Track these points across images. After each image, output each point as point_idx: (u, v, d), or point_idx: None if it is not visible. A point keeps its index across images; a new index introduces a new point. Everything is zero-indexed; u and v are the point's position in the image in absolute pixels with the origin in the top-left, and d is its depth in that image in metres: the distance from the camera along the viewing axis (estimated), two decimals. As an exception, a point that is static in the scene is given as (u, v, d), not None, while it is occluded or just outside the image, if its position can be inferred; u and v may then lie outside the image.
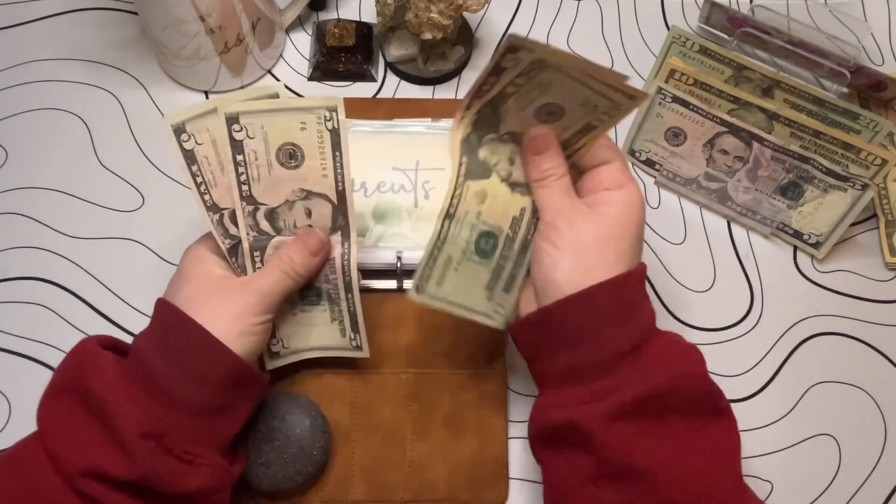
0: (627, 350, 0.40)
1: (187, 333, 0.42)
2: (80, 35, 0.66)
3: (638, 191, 0.43)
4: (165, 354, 0.41)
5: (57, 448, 0.39)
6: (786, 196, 0.58)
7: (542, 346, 0.43)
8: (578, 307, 0.41)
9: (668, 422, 0.39)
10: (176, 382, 0.41)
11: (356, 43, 0.64)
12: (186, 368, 0.41)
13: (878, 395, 0.54)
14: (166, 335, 0.42)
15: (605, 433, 0.39)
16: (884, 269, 0.58)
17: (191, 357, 0.41)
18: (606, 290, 0.40)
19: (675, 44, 0.63)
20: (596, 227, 0.42)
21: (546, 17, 0.68)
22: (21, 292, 0.55)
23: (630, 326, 0.41)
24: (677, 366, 0.40)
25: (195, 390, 0.41)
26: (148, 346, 0.42)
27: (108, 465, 0.38)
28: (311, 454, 0.47)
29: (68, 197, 0.59)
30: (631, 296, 0.42)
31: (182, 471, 0.40)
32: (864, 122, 0.59)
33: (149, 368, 0.41)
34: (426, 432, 0.50)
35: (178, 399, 0.41)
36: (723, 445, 0.40)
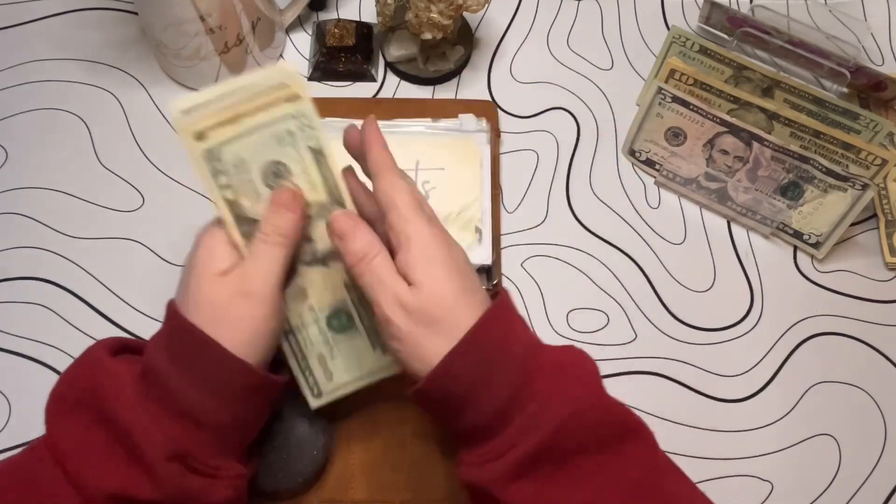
0: (506, 404, 0.38)
1: (206, 352, 0.39)
2: (80, 35, 0.66)
3: (433, 234, 0.39)
4: (184, 373, 0.39)
5: (78, 470, 0.38)
6: (786, 196, 0.58)
7: (438, 415, 0.42)
8: (439, 386, 0.39)
9: (572, 464, 0.38)
10: (197, 402, 0.39)
11: (356, 43, 0.64)
12: (207, 387, 0.40)
13: (878, 395, 0.54)
14: (183, 351, 0.40)
15: (507, 494, 0.38)
16: (884, 269, 0.58)
17: (211, 375, 0.40)
18: (463, 353, 0.38)
19: (675, 44, 0.63)
20: (419, 303, 0.39)
21: (546, 17, 0.68)
22: (21, 292, 0.55)
23: (503, 375, 0.39)
24: (563, 406, 0.38)
25: (217, 408, 0.40)
26: (164, 363, 0.40)
27: (134, 488, 0.38)
28: (312, 454, 0.47)
29: (68, 197, 0.59)
30: (489, 344, 0.39)
31: (208, 486, 0.40)
32: (864, 122, 0.59)
33: (168, 388, 0.39)
34: (426, 432, 0.50)
35: (200, 418, 0.39)
36: (630, 472, 0.38)
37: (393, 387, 0.51)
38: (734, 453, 0.52)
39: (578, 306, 0.56)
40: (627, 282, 0.57)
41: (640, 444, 0.39)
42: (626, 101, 0.64)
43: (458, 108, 0.60)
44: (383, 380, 0.47)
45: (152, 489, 0.38)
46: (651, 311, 0.56)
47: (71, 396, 0.40)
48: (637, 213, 0.60)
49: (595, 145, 0.62)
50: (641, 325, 0.56)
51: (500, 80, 0.65)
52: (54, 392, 0.41)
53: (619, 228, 0.59)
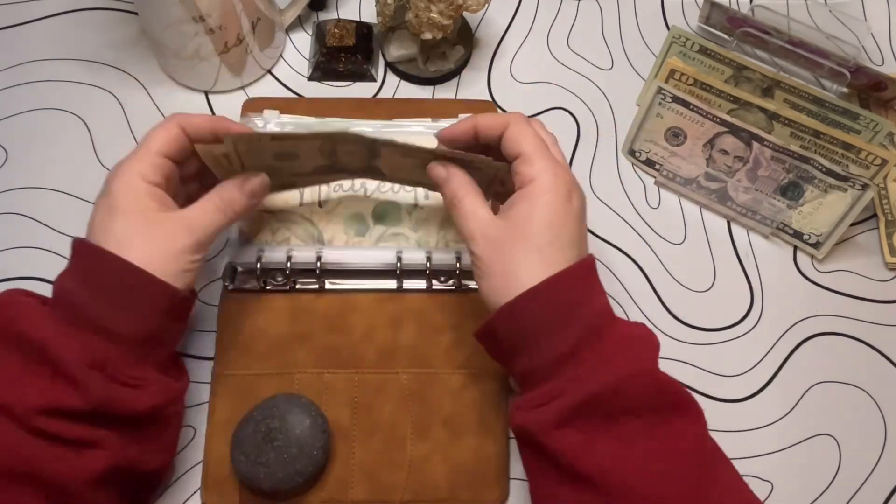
0: (568, 352, 0.40)
1: (120, 273, 0.42)
2: (80, 35, 0.66)
3: (552, 177, 0.43)
4: (92, 290, 0.41)
5: (5, 396, 0.39)
6: (786, 196, 0.58)
7: (498, 353, 0.44)
8: (511, 318, 0.41)
9: (620, 423, 0.39)
10: (108, 315, 0.41)
11: (356, 43, 0.64)
12: (121, 304, 0.42)
13: (878, 395, 0.54)
14: (89, 270, 0.42)
15: (551, 439, 0.39)
16: (884, 269, 0.58)
17: (125, 294, 0.42)
18: (535, 296, 0.40)
19: (675, 44, 0.63)
20: (505, 234, 0.42)
21: (546, 17, 0.68)
22: (21, 292, 0.55)
23: (569, 328, 0.40)
24: (621, 366, 0.39)
25: (131, 324, 0.42)
26: (72, 286, 0.42)
27: (63, 399, 0.39)
28: (311, 454, 0.47)
29: (68, 197, 0.59)
30: (568, 295, 0.41)
31: (130, 395, 0.42)
32: (864, 122, 0.59)
33: (77, 305, 0.41)
34: (426, 432, 0.50)
35: (114, 332, 0.41)
36: (679, 443, 0.39)
37: (393, 386, 0.51)
38: (734, 453, 0.51)
39: (578, 306, 0.56)
40: (627, 282, 0.57)
41: (692, 420, 0.40)
42: (626, 101, 0.64)
43: (458, 108, 0.60)
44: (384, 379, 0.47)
45: (79, 397, 0.39)
46: (651, 311, 0.56)
47: None
48: (637, 213, 0.60)
49: (595, 145, 0.62)
50: (641, 325, 0.56)
51: (500, 80, 0.65)
52: None
53: (619, 228, 0.59)
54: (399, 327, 0.53)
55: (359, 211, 0.54)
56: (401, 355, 0.52)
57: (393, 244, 0.54)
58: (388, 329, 0.53)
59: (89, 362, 0.40)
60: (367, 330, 0.52)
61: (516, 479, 0.51)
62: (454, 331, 0.52)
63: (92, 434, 0.40)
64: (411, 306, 0.53)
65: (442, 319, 0.53)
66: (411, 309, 0.53)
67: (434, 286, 0.53)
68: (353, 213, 0.55)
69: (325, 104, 0.61)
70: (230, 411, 0.49)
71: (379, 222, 0.54)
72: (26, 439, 0.38)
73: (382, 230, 0.54)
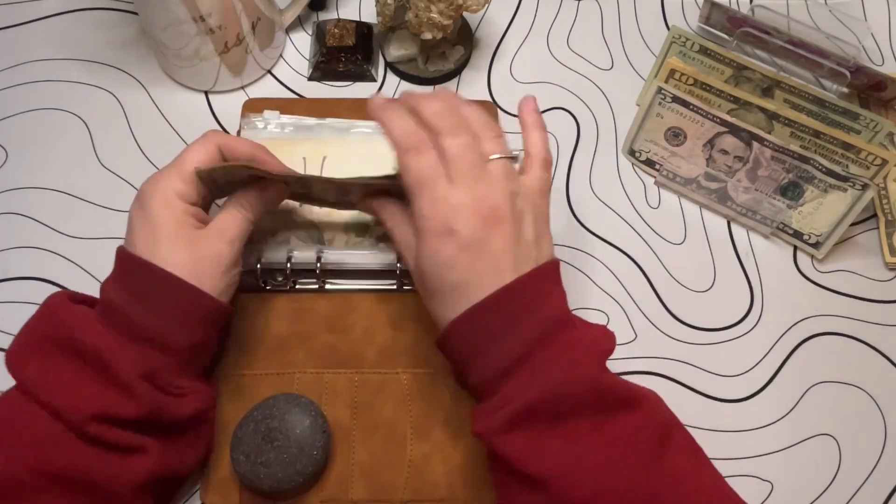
0: (514, 362, 0.41)
1: (173, 290, 0.43)
2: (80, 35, 0.66)
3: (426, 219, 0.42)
4: (143, 304, 0.43)
5: (56, 400, 0.40)
6: (786, 196, 0.58)
7: (456, 366, 0.45)
8: (458, 333, 0.42)
9: (564, 424, 0.39)
10: (158, 329, 0.43)
11: (356, 43, 0.64)
12: (172, 318, 0.43)
13: (878, 395, 0.54)
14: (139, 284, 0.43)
15: (501, 445, 0.40)
16: (884, 269, 0.58)
17: (178, 309, 0.44)
18: (479, 311, 0.41)
19: (675, 44, 0.63)
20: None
21: (546, 17, 0.68)
22: (21, 292, 0.55)
23: (516, 337, 0.41)
24: (562, 372, 0.40)
25: (181, 336, 0.44)
26: (122, 298, 0.43)
27: (116, 407, 0.40)
28: (311, 454, 0.47)
29: (68, 197, 0.59)
30: (516, 305, 0.41)
31: (175, 404, 0.44)
32: (864, 122, 0.59)
33: (129, 318, 0.42)
34: (426, 432, 0.50)
35: (162, 343, 0.43)
36: (624, 435, 0.39)
37: (393, 386, 0.51)
38: (734, 453, 0.52)
39: (578, 306, 0.56)
40: (627, 282, 0.57)
41: (640, 413, 0.40)
42: (626, 101, 0.64)
43: None
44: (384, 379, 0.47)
45: (132, 406, 0.41)
46: (651, 311, 0.56)
47: (33, 342, 0.42)
48: (637, 213, 0.60)
49: (595, 145, 0.62)
50: (641, 325, 0.56)
51: (500, 80, 0.65)
52: (13, 347, 0.42)
53: (619, 228, 0.59)
54: (399, 327, 0.53)
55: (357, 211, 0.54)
56: (401, 355, 0.52)
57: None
58: (387, 329, 0.53)
59: (141, 373, 0.41)
60: (367, 330, 0.52)
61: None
62: None
63: (139, 441, 0.41)
64: (411, 306, 0.53)
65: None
66: (411, 309, 0.53)
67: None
68: (354, 214, 0.55)
69: (324, 104, 0.61)
70: (230, 411, 0.49)
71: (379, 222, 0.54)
72: (78, 444, 0.40)
73: (382, 230, 0.54)
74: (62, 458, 0.39)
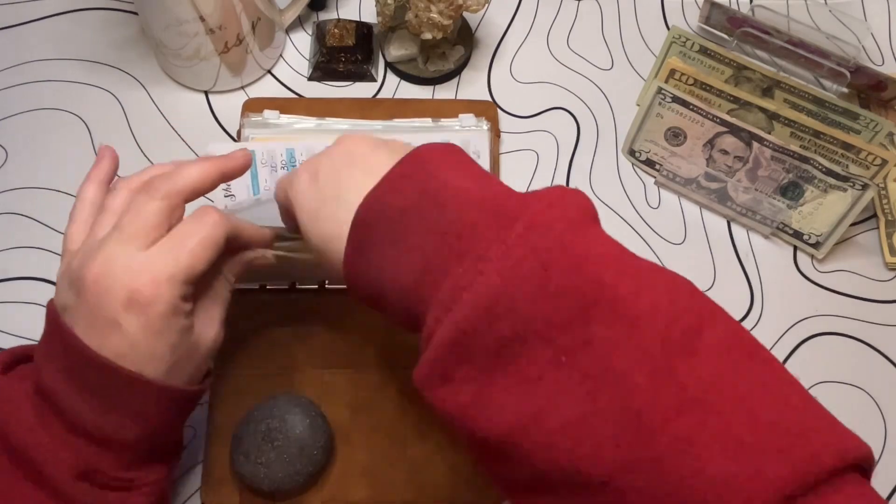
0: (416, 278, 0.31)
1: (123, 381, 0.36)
2: (80, 35, 0.66)
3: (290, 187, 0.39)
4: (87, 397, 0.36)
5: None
6: (786, 196, 0.58)
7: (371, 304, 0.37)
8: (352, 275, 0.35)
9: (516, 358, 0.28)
10: (100, 422, 0.37)
11: (356, 43, 0.64)
12: (118, 409, 0.37)
13: (878, 395, 0.54)
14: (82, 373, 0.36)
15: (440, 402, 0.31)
16: (884, 269, 0.58)
17: (125, 399, 0.37)
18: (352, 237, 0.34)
19: (675, 44, 0.63)
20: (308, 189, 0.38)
21: (546, 18, 0.68)
22: (21, 292, 0.55)
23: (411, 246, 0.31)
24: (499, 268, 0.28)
25: (124, 426, 0.37)
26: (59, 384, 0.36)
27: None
28: (312, 454, 0.47)
29: (68, 197, 0.59)
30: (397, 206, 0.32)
31: (121, 498, 0.38)
32: (864, 122, 0.59)
33: (65, 408, 0.36)
34: (427, 432, 0.50)
35: (105, 437, 0.37)
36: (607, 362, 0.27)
37: (393, 385, 0.51)
38: (734, 453, 0.52)
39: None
40: (627, 282, 0.57)
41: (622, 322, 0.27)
42: (626, 101, 0.64)
43: (459, 109, 0.60)
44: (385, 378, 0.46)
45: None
46: (651, 311, 0.56)
47: None
48: (637, 213, 0.60)
49: (595, 145, 0.62)
50: (641, 325, 0.56)
51: (500, 80, 0.65)
52: None
53: (619, 228, 0.59)
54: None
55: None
56: (401, 354, 0.52)
57: None
58: (387, 328, 0.52)
59: (78, 473, 0.36)
60: (367, 329, 0.52)
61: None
62: None
63: None
64: None
65: None
66: None
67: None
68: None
69: (324, 104, 0.61)
70: (230, 411, 0.49)
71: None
72: None
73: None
74: None
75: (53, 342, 0.37)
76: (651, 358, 0.27)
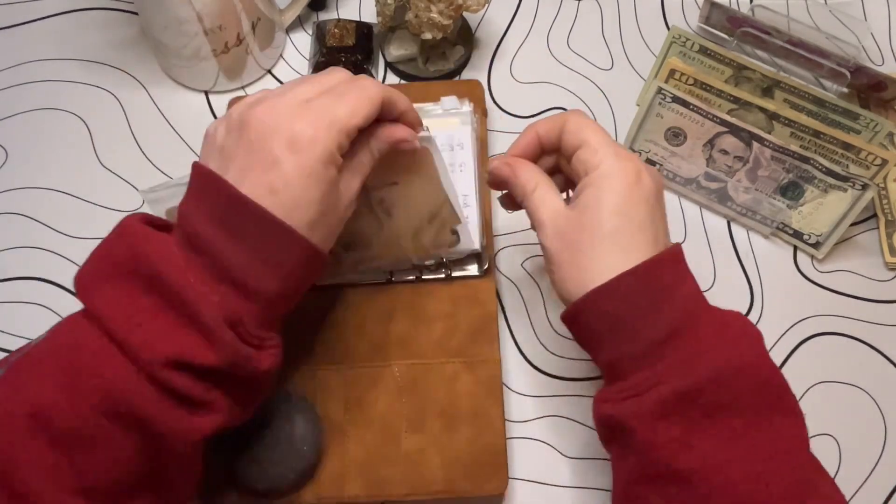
0: (663, 338, 0.38)
1: (276, 234, 0.38)
2: (80, 35, 0.66)
3: (615, 161, 0.40)
4: (235, 242, 0.37)
5: (131, 336, 0.35)
6: (786, 196, 0.58)
7: (585, 341, 0.42)
8: (597, 303, 0.39)
9: (719, 419, 0.36)
10: (248, 271, 0.38)
11: (356, 43, 0.64)
12: (267, 262, 0.38)
13: (878, 395, 0.54)
14: (232, 219, 0.38)
15: (649, 432, 0.37)
16: (884, 269, 0.58)
17: (275, 253, 0.38)
18: (623, 281, 0.38)
19: (675, 44, 0.63)
20: (572, 223, 0.40)
21: (546, 17, 0.68)
22: (21, 292, 0.55)
23: (662, 313, 0.38)
24: (722, 356, 0.37)
25: (268, 278, 0.38)
26: (210, 231, 0.37)
27: (194, 352, 0.36)
28: (306, 451, 0.47)
29: (68, 197, 0.59)
30: (658, 281, 0.39)
31: (255, 356, 0.39)
32: (864, 122, 0.59)
33: (216, 255, 0.37)
34: (421, 425, 0.50)
35: (251, 287, 0.38)
36: (779, 445, 0.37)
37: (385, 380, 0.51)
38: (734, 453, 0.52)
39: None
40: (627, 282, 0.57)
41: (794, 420, 0.38)
42: (626, 101, 0.64)
43: (442, 91, 0.58)
44: (377, 373, 0.46)
45: (212, 353, 0.36)
46: (651, 311, 0.56)
47: (108, 267, 0.37)
48: (637, 213, 0.60)
49: (595, 145, 0.62)
50: (641, 325, 0.56)
51: (500, 80, 0.65)
52: (85, 266, 0.38)
53: (618, 228, 0.59)
54: (390, 319, 0.53)
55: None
56: (393, 348, 0.52)
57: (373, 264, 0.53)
58: (379, 322, 0.52)
59: (226, 319, 0.37)
60: (359, 324, 0.52)
61: (516, 479, 0.51)
62: (446, 320, 0.52)
63: (209, 395, 0.37)
64: (401, 297, 0.53)
65: (433, 309, 0.53)
66: (402, 300, 0.53)
67: (423, 276, 0.53)
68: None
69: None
70: (229, 411, 0.49)
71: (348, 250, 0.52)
72: (149, 389, 0.35)
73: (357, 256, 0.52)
74: (129, 400, 0.35)
75: (201, 193, 0.39)
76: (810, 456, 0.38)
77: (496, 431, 0.50)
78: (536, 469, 0.51)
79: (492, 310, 0.53)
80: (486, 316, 0.53)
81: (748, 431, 0.36)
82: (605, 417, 0.39)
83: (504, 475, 0.49)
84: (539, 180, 0.43)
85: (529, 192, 0.43)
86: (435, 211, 0.50)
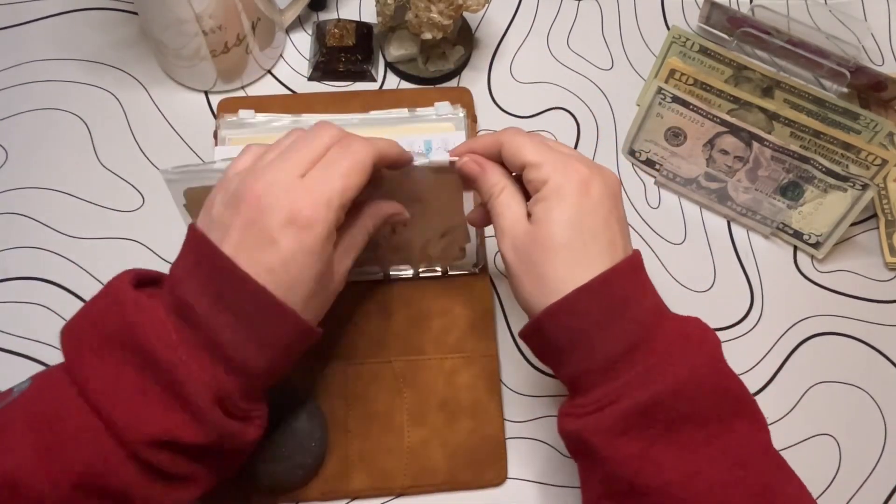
0: (621, 353, 0.38)
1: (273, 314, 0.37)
2: (80, 35, 0.66)
3: (561, 174, 0.39)
4: (227, 317, 0.37)
5: (115, 412, 0.35)
6: (786, 196, 0.58)
7: (546, 356, 0.42)
8: (556, 319, 0.39)
9: (681, 431, 0.37)
10: (241, 350, 0.37)
11: (356, 43, 0.64)
12: (260, 340, 0.38)
13: (878, 395, 0.54)
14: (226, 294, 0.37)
15: (610, 449, 0.37)
16: (884, 269, 0.58)
17: (270, 332, 0.38)
18: (581, 297, 0.38)
19: (675, 44, 0.63)
20: (529, 238, 0.40)
21: (546, 17, 0.68)
22: (21, 292, 0.55)
23: (620, 328, 0.38)
24: (680, 369, 0.37)
25: (258, 355, 0.38)
26: (203, 304, 0.37)
27: (180, 432, 0.36)
28: (310, 447, 0.47)
29: (68, 197, 0.59)
30: (617, 294, 0.38)
31: (240, 430, 0.39)
32: (864, 122, 0.59)
33: (208, 331, 0.37)
34: (422, 418, 0.51)
35: (240, 363, 0.38)
36: (743, 452, 0.37)
37: (386, 375, 0.51)
38: (734, 453, 0.52)
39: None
40: (627, 282, 0.57)
41: (754, 424, 0.38)
42: (626, 101, 0.64)
43: (434, 97, 0.60)
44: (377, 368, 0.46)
45: (198, 433, 0.36)
46: (651, 311, 0.56)
47: (96, 333, 0.37)
48: (637, 213, 0.60)
49: (595, 145, 0.62)
50: (641, 325, 0.56)
51: (500, 80, 0.65)
52: (73, 327, 0.38)
53: (619, 228, 0.59)
54: (389, 316, 0.53)
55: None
56: (392, 343, 0.52)
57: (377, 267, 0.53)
58: (378, 318, 0.53)
59: (214, 397, 0.37)
60: (358, 320, 0.53)
61: (515, 480, 0.51)
62: (443, 316, 0.53)
63: (190, 469, 0.38)
64: (400, 294, 0.54)
65: (431, 305, 0.53)
66: (400, 297, 0.53)
67: (421, 273, 0.54)
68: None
69: (300, 100, 0.61)
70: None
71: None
72: (128, 465, 0.36)
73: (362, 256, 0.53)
74: (109, 477, 0.35)
75: (196, 261, 0.38)
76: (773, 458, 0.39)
77: (495, 423, 0.51)
78: (536, 469, 0.51)
79: (488, 306, 0.53)
80: (482, 312, 0.53)
81: (710, 441, 0.37)
82: (568, 432, 0.39)
83: (503, 465, 0.50)
84: (506, 185, 0.42)
85: (496, 195, 0.42)
86: (449, 229, 0.50)
